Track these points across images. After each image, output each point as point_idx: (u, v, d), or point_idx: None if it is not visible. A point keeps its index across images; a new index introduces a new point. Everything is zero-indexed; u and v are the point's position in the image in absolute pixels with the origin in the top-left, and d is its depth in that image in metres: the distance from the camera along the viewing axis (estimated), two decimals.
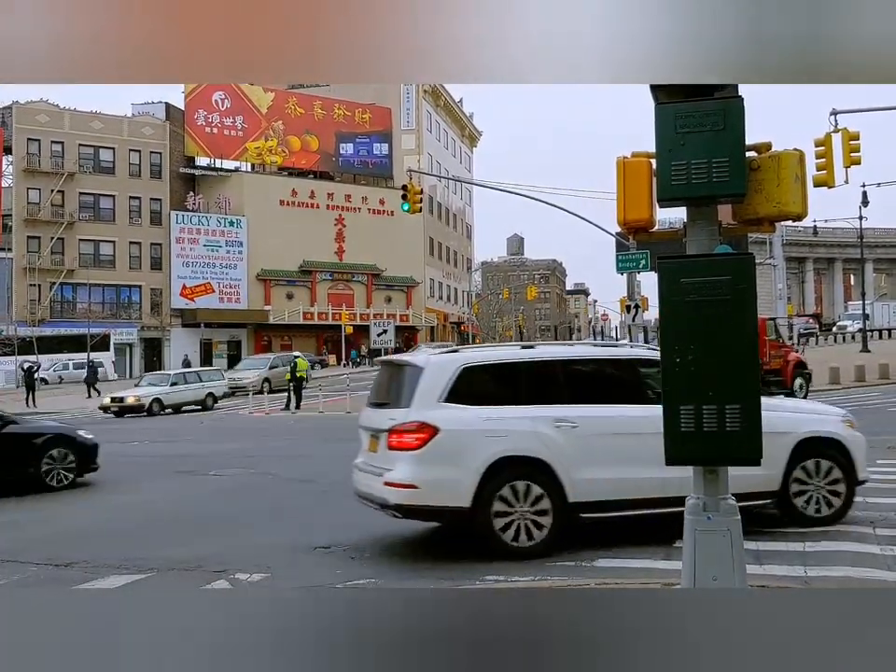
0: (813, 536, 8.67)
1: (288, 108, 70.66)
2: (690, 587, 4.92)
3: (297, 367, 32.54)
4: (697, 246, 5.15)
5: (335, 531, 9.90)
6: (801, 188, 5.08)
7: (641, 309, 29.57)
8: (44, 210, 59.26)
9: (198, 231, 64.32)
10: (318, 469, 15.58)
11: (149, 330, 62.75)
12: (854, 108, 25.67)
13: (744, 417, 4.75)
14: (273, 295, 67.47)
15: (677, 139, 4.88)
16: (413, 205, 31.34)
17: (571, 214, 31.10)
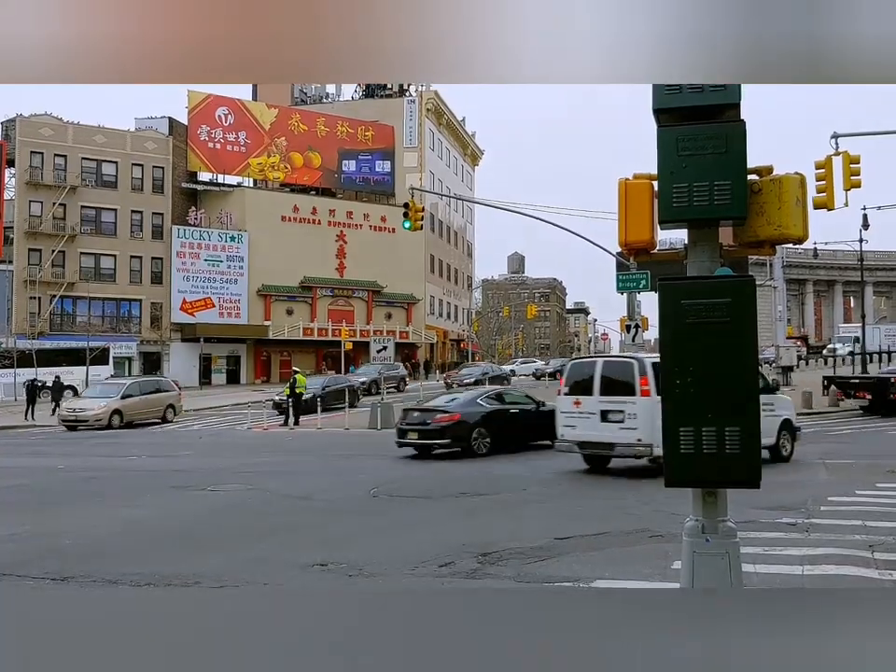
0: (813, 559, 8.65)
1: (291, 125, 70.95)
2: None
3: (296, 383, 32.50)
4: (698, 268, 5.16)
5: (332, 548, 9.87)
6: (802, 211, 5.10)
7: (641, 329, 29.57)
8: (45, 223, 59.36)
9: (199, 246, 64.38)
10: (315, 485, 15.56)
11: (149, 344, 62.69)
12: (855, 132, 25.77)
13: (743, 440, 4.74)
14: (273, 310, 67.48)
15: (679, 162, 4.90)
16: (415, 223, 31.41)
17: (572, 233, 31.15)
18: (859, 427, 25.93)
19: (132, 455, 22.80)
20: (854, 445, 21.10)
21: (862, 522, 10.51)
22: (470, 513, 12.31)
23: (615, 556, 9.20)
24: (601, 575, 8.28)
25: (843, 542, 9.39)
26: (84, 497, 14.78)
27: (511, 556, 9.21)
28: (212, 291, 64.64)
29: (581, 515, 11.93)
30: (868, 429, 25.30)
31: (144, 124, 65.18)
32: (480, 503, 13.18)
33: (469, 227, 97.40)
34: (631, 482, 15.74)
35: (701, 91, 4.86)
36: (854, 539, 9.59)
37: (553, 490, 14.41)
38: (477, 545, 9.77)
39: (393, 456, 20.08)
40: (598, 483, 15.32)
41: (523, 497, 13.71)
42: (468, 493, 14.10)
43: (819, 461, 17.42)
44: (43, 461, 21.42)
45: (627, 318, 29.55)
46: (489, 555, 9.22)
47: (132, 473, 18.42)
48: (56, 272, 59.58)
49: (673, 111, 4.99)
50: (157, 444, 26.46)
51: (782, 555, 8.89)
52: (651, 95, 4.97)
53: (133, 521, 12.15)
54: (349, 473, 17.45)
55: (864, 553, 8.98)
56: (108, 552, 10.09)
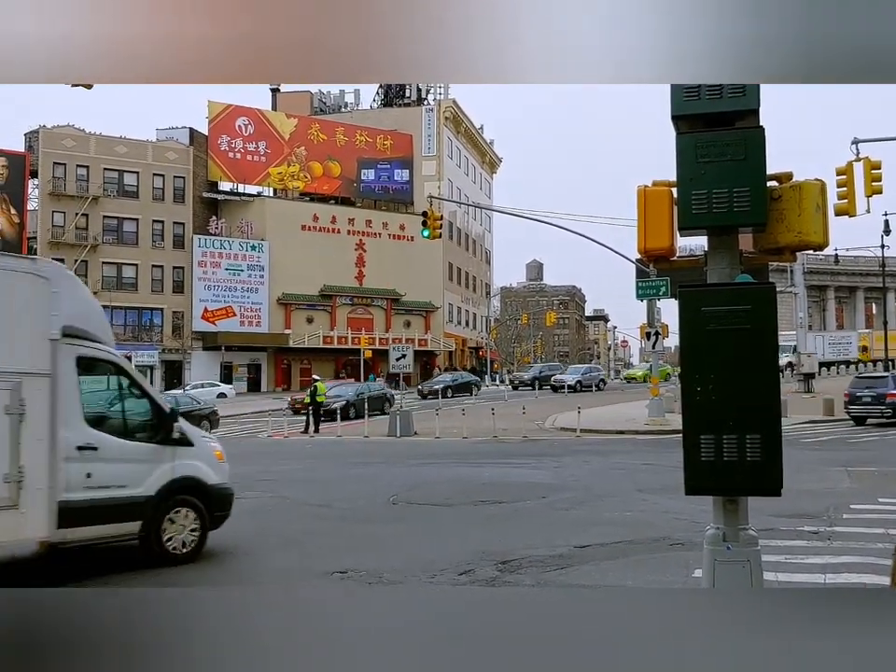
0: (835, 568, 8.58)
1: (311, 134, 71.31)
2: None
3: (317, 391, 32.59)
4: (718, 275, 5.14)
5: (351, 556, 9.88)
6: (822, 217, 5.07)
7: (661, 336, 29.47)
8: (68, 233, 59.98)
9: (220, 255, 64.80)
10: (334, 493, 15.59)
11: (170, 353, 63.06)
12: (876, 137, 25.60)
13: (764, 447, 4.71)
14: (293, 319, 67.78)
15: (697, 168, 4.89)
16: (433, 231, 31.47)
17: (591, 240, 31.12)
18: (882, 435, 25.68)
19: None
20: (877, 453, 20.89)
21: (885, 530, 10.41)
22: (489, 521, 12.29)
23: (635, 565, 9.15)
24: (621, 583, 8.24)
25: (865, 551, 9.31)
26: None
27: (531, 564, 9.19)
28: (233, 300, 65.00)
29: (601, 523, 11.89)
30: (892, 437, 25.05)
31: (165, 135, 65.74)
32: (499, 511, 13.15)
33: (487, 234, 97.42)
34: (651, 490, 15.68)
35: (719, 96, 4.85)
36: (877, 547, 9.49)
37: (572, 497, 14.36)
38: (496, 553, 9.75)
39: (412, 464, 20.09)
40: (618, 491, 15.26)
41: (542, 504, 13.68)
42: (487, 500, 14.08)
43: (841, 468, 17.26)
44: None
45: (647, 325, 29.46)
46: (508, 563, 9.20)
47: None
48: None
49: (691, 118, 4.98)
50: None
51: (804, 564, 8.82)
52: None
53: None
54: (368, 481, 17.47)
55: (887, 561, 8.87)
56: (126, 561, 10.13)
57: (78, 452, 8.85)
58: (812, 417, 30.57)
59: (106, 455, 9.15)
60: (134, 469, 9.47)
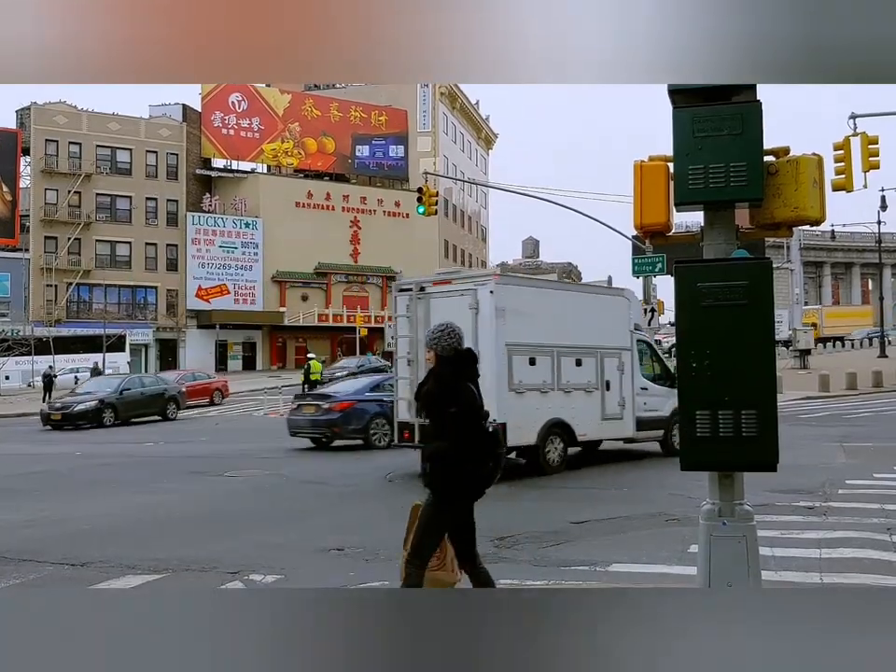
0: (830, 543, 8.62)
1: (305, 110, 70.83)
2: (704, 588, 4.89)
3: (311, 369, 32.57)
4: (714, 251, 5.12)
5: (348, 533, 9.90)
6: (819, 192, 5.05)
7: (657, 313, 29.45)
8: (61, 211, 59.64)
9: (214, 233, 64.53)
10: (331, 470, 15.61)
11: (165, 331, 62.98)
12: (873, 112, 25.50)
13: (760, 423, 4.71)
14: (288, 297, 67.62)
15: (694, 143, 4.85)
16: (429, 208, 31.31)
17: (587, 216, 31.00)
18: (877, 410, 25.78)
19: (148, 441, 22.94)
20: (872, 428, 20.98)
21: (881, 505, 10.46)
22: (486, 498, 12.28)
23: (631, 540, 9.19)
24: (617, 559, 8.26)
25: (861, 526, 9.35)
26: (101, 484, 14.88)
27: (527, 540, 9.21)
28: (227, 278, 64.80)
29: (597, 500, 11.92)
30: (888, 412, 25.14)
31: (158, 111, 65.26)
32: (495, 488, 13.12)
33: (483, 211, 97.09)
34: (646, 466, 15.73)
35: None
36: (872, 522, 9.54)
37: (568, 475, 14.40)
38: (493, 529, 9.75)
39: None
40: (614, 469, 15.31)
41: (538, 482, 13.71)
42: None
43: (836, 444, 17.33)
44: (59, 448, 21.59)
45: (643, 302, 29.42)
46: (505, 539, 9.23)
47: (148, 459, 18.53)
48: (72, 259, 59.88)
49: (688, 91, 4.94)
50: (174, 431, 26.61)
51: (800, 539, 8.86)
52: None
53: (151, 507, 12.23)
54: (365, 458, 17.50)
55: (883, 536, 8.93)
56: (126, 537, 10.16)
57: (641, 390, 16.00)
58: (807, 393, 30.68)
59: (651, 393, 16.24)
60: (661, 401, 16.14)
